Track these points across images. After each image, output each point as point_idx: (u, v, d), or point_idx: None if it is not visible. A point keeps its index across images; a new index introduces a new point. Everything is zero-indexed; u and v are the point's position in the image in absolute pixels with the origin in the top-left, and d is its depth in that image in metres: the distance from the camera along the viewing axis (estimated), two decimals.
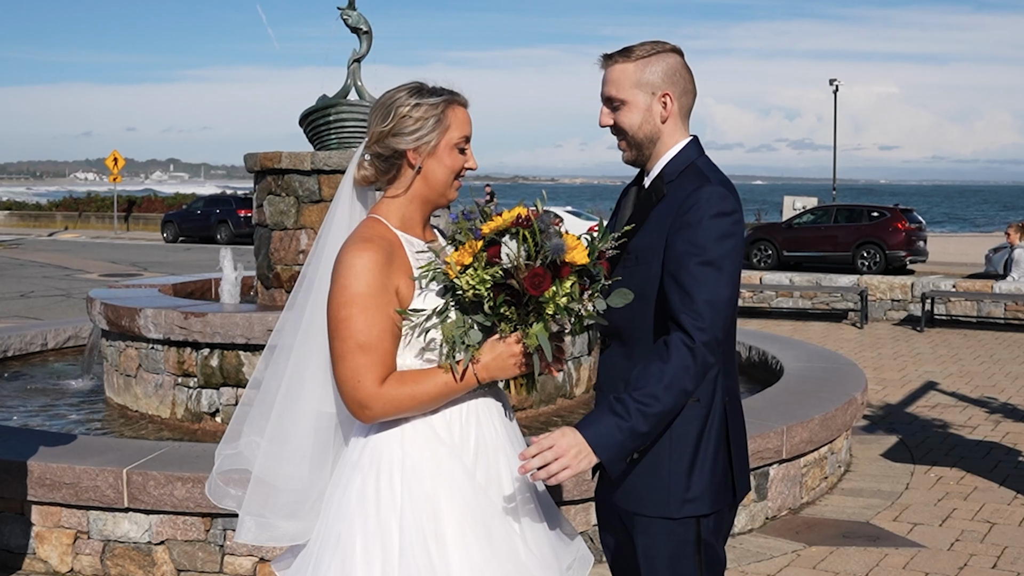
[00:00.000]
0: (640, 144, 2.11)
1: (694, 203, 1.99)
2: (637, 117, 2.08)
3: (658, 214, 2.06)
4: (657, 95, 2.08)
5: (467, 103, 2.04)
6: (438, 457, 1.92)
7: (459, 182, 2.03)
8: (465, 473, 1.93)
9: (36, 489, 3.76)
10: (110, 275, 17.11)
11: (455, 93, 2.02)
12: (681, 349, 1.94)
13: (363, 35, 6.10)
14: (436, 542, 1.86)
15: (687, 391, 1.95)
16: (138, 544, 3.75)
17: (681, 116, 2.13)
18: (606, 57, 2.12)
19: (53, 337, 7.48)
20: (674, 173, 2.09)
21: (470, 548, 1.87)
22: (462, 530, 1.88)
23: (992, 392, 7.54)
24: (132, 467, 3.70)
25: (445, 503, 1.89)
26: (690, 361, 1.93)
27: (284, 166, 5.92)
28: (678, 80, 2.10)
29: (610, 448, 1.92)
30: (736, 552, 4.10)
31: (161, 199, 37.40)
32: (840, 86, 32.78)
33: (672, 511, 2.06)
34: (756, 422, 4.47)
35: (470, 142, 2.04)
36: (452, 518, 1.89)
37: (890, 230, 18.81)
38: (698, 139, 2.16)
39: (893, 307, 11.81)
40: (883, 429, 6.29)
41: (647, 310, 2.05)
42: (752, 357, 6.73)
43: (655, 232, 2.05)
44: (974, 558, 4.08)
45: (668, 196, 2.07)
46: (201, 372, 5.41)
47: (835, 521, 4.53)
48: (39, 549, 3.84)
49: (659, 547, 2.08)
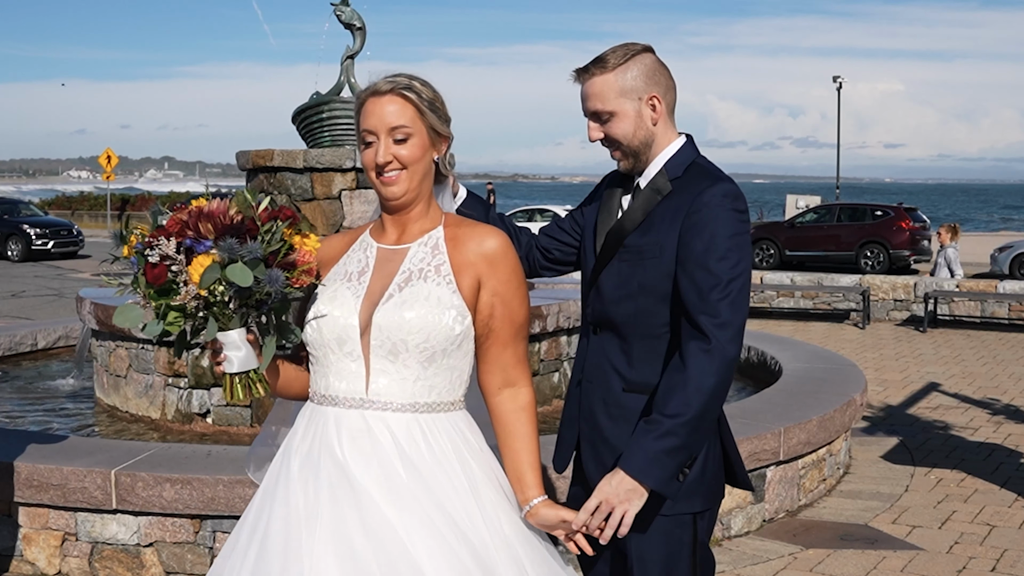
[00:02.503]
0: (636, 151, 2.08)
1: (708, 201, 1.98)
2: (629, 126, 2.05)
3: (665, 211, 2.04)
4: (644, 99, 2.05)
5: (383, 90, 1.88)
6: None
7: (383, 179, 1.89)
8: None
9: (23, 490, 3.72)
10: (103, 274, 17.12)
11: (380, 82, 1.90)
12: (697, 356, 1.92)
13: (357, 31, 6.06)
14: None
15: (716, 390, 1.92)
16: (126, 546, 3.72)
17: (669, 114, 2.10)
18: (580, 71, 2.08)
19: (43, 337, 7.42)
20: (678, 170, 2.07)
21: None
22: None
23: (995, 393, 7.48)
24: (120, 468, 3.67)
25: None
26: (707, 363, 1.91)
27: (276, 164, 5.89)
28: (659, 79, 2.07)
29: (652, 474, 1.90)
30: (732, 555, 4.06)
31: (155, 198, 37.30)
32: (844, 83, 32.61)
33: (665, 506, 2.01)
34: (753, 423, 4.44)
35: (381, 135, 1.87)
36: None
37: (894, 229, 18.74)
38: (692, 138, 2.14)
39: (896, 307, 11.74)
40: (883, 431, 6.24)
41: (653, 304, 2.03)
42: (751, 358, 6.68)
43: (663, 229, 2.02)
44: (973, 561, 4.04)
45: (675, 193, 2.04)
46: (192, 372, 5.37)
47: (833, 523, 4.48)
48: (26, 551, 3.81)
49: (653, 549, 2.04)
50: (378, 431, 1.83)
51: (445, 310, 1.85)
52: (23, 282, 16.09)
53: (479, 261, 1.90)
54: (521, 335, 1.95)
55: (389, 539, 1.73)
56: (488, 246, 1.91)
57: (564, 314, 5.77)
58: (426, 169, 1.93)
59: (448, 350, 1.87)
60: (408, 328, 1.84)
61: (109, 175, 30.26)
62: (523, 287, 1.94)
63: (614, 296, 2.09)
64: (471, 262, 1.90)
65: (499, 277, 1.90)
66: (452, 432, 1.88)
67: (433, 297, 1.86)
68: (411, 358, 1.85)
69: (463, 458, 1.86)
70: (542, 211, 24.32)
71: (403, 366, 1.85)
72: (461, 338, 1.88)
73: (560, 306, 5.73)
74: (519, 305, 1.93)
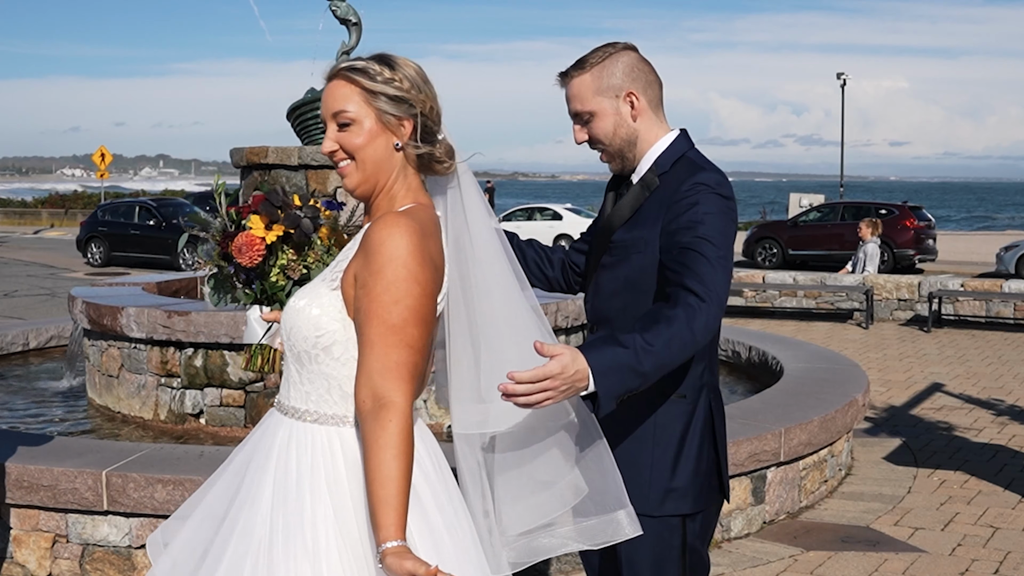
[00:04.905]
0: (620, 150, 2.07)
1: (691, 188, 1.97)
2: (609, 124, 2.05)
3: (651, 206, 2.03)
4: (621, 96, 2.05)
5: (332, 74, 1.78)
6: None
7: (338, 170, 1.80)
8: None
9: (13, 491, 3.69)
10: (96, 274, 17.05)
11: (335, 65, 1.83)
12: (689, 300, 1.87)
13: (352, 26, 6.02)
14: None
15: (688, 345, 1.86)
16: (118, 548, 3.69)
17: (653, 109, 2.08)
18: (562, 74, 2.09)
19: (35, 337, 7.38)
20: (666, 165, 2.05)
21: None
22: None
23: (999, 394, 7.42)
24: (112, 469, 3.64)
25: None
26: (695, 314, 1.86)
27: (271, 161, 5.86)
28: (638, 75, 2.06)
29: (608, 382, 1.78)
30: (732, 557, 4.02)
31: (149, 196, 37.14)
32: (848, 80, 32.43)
33: (652, 507, 1.99)
34: (753, 424, 4.39)
35: (328, 121, 1.78)
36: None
37: (898, 228, 18.62)
38: (687, 132, 2.11)
39: (900, 307, 11.66)
40: (886, 431, 6.18)
41: (639, 300, 2.03)
42: (752, 357, 6.63)
43: (648, 225, 2.01)
44: (976, 563, 3.99)
45: (661, 187, 2.03)
46: (185, 372, 5.32)
47: (834, 525, 4.43)
48: (16, 553, 3.78)
49: (642, 550, 2.01)
50: (277, 435, 1.76)
51: (313, 306, 1.70)
52: (16, 281, 16.07)
53: (359, 252, 1.69)
54: (393, 339, 1.61)
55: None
56: (367, 233, 1.68)
57: (563, 313, 5.73)
58: (380, 157, 1.75)
59: (313, 353, 1.69)
60: (285, 323, 1.75)
61: (103, 173, 30.13)
62: (401, 283, 1.62)
63: (606, 293, 2.10)
64: (355, 255, 1.71)
65: (370, 268, 1.64)
66: (319, 450, 1.68)
67: (312, 292, 1.73)
68: (290, 357, 1.75)
69: (314, 483, 1.66)
70: (542, 210, 24.24)
71: (289, 365, 1.76)
72: (329, 341, 1.68)
73: (559, 305, 5.69)
74: (392, 301, 1.62)
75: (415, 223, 1.67)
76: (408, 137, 1.76)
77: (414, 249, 1.63)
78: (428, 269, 1.66)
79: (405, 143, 1.76)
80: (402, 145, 1.76)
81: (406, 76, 1.75)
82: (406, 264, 1.63)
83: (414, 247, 1.64)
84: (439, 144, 1.78)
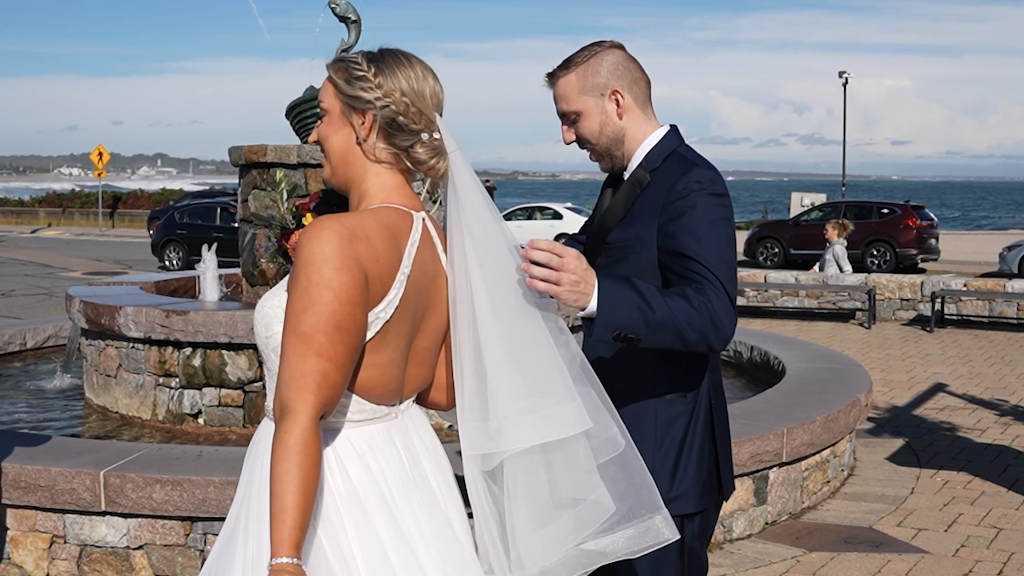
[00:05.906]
0: (608, 149, 2.07)
1: (685, 188, 1.95)
2: (595, 123, 2.04)
3: (644, 203, 2.01)
4: (606, 94, 2.04)
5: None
6: None
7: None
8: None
9: (11, 492, 3.67)
10: (94, 273, 16.94)
11: None
12: (719, 289, 1.88)
13: (351, 24, 5.98)
14: None
15: (697, 324, 1.85)
16: (116, 549, 3.67)
17: (640, 107, 2.07)
18: (549, 75, 2.09)
19: (32, 336, 7.36)
20: (656, 160, 2.04)
21: None
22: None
23: (1002, 394, 7.39)
24: (109, 469, 3.62)
25: None
26: (718, 302, 1.87)
27: (270, 159, 5.80)
28: (623, 73, 2.05)
29: (613, 309, 1.80)
30: (734, 558, 4.00)
31: (148, 195, 36.97)
32: (850, 79, 32.36)
33: None
34: (755, 424, 4.36)
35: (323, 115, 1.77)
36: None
37: (901, 227, 18.58)
38: (677, 128, 2.10)
39: (902, 307, 11.63)
40: (889, 432, 6.16)
41: None
42: (754, 357, 6.61)
43: (642, 223, 2.00)
44: (979, 564, 3.97)
45: (653, 183, 2.01)
46: (183, 372, 5.30)
47: (837, 526, 4.41)
48: (14, 554, 3.76)
49: None
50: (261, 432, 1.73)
51: (267, 306, 1.67)
52: (13, 281, 16.04)
53: None
54: (301, 348, 1.52)
55: None
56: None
57: (563, 312, 5.71)
58: (342, 150, 1.70)
59: (266, 353, 1.67)
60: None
61: (101, 172, 30.01)
62: (312, 289, 1.54)
63: None
64: None
65: (292, 273, 1.58)
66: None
67: (276, 291, 1.68)
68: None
69: (260, 482, 1.62)
70: (542, 209, 24.25)
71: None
72: (276, 342, 1.63)
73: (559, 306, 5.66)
74: (301, 309, 1.53)
75: (342, 226, 1.57)
76: (368, 132, 1.68)
77: (331, 254, 1.54)
78: (347, 275, 1.55)
79: (365, 138, 1.69)
80: (361, 140, 1.69)
81: (383, 71, 1.68)
82: (319, 270, 1.54)
83: (332, 252, 1.54)
84: (419, 143, 1.68)
